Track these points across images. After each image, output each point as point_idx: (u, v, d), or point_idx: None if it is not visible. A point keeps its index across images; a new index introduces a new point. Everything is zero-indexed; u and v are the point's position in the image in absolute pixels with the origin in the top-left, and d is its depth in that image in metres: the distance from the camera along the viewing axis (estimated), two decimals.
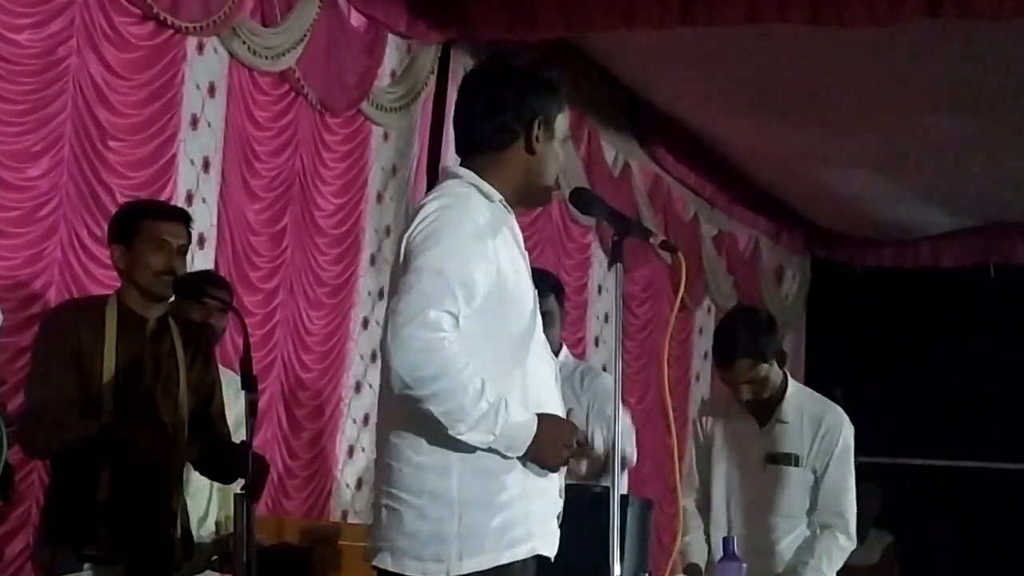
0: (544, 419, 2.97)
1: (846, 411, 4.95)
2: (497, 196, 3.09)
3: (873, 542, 9.97)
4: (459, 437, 2.93)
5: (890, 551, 10.05)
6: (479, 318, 2.97)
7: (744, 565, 4.37)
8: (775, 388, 4.79)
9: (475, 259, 2.96)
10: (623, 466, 4.66)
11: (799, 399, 4.85)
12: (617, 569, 3.00)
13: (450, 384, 2.88)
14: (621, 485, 3.12)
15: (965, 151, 9.24)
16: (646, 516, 4.73)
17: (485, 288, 2.97)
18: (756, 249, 11.28)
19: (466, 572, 2.96)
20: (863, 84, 8.22)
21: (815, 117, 8.88)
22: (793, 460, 4.79)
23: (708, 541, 4.85)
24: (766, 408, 4.82)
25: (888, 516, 10.15)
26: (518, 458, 2.97)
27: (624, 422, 4.70)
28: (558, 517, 3.13)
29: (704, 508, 4.88)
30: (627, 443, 4.80)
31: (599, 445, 4.60)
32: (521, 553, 2.99)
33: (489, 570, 2.97)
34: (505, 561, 2.98)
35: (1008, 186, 9.98)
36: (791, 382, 4.88)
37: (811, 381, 11.53)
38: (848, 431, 4.85)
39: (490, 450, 2.95)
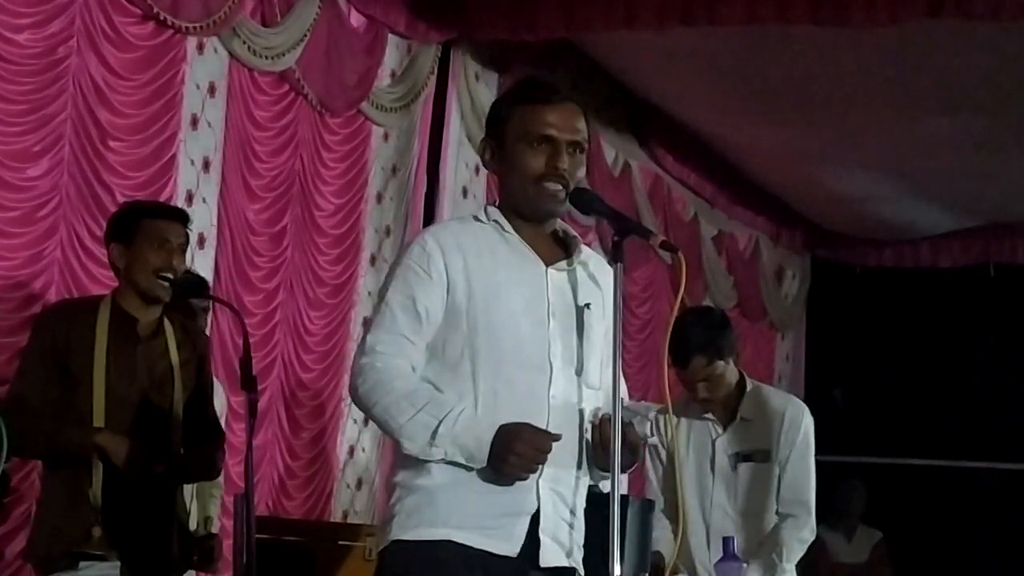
0: (502, 429, 3.01)
1: (846, 411, 4.96)
2: (492, 216, 3.21)
3: (862, 539, 9.97)
4: (410, 453, 3.04)
5: (880, 548, 10.04)
6: (443, 334, 3.11)
7: (744, 565, 4.36)
8: (731, 386, 4.80)
9: (415, 283, 3.12)
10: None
11: (758, 395, 4.85)
12: (617, 569, 2.99)
13: (381, 401, 3.04)
14: (621, 485, 3.09)
15: (965, 151, 9.24)
16: (646, 516, 4.71)
17: (436, 306, 3.11)
18: (756, 249, 11.28)
19: (380, 548, 3.11)
20: (863, 84, 8.22)
21: (815, 117, 8.88)
22: (762, 456, 4.79)
23: (678, 539, 4.79)
24: (728, 408, 4.82)
25: (887, 516, 10.16)
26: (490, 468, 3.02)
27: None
28: (568, 519, 3.13)
29: (673, 514, 4.83)
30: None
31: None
32: (428, 535, 3.03)
33: (391, 544, 3.06)
34: (406, 537, 3.05)
35: (1008, 186, 9.99)
36: (748, 379, 4.88)
37: (811, 381, 11.73)
38: (809, 422, 4.84)
39: (453, 463, 3.02)
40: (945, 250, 11.62)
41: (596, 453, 3.14)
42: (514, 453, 2.97)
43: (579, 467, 3.16)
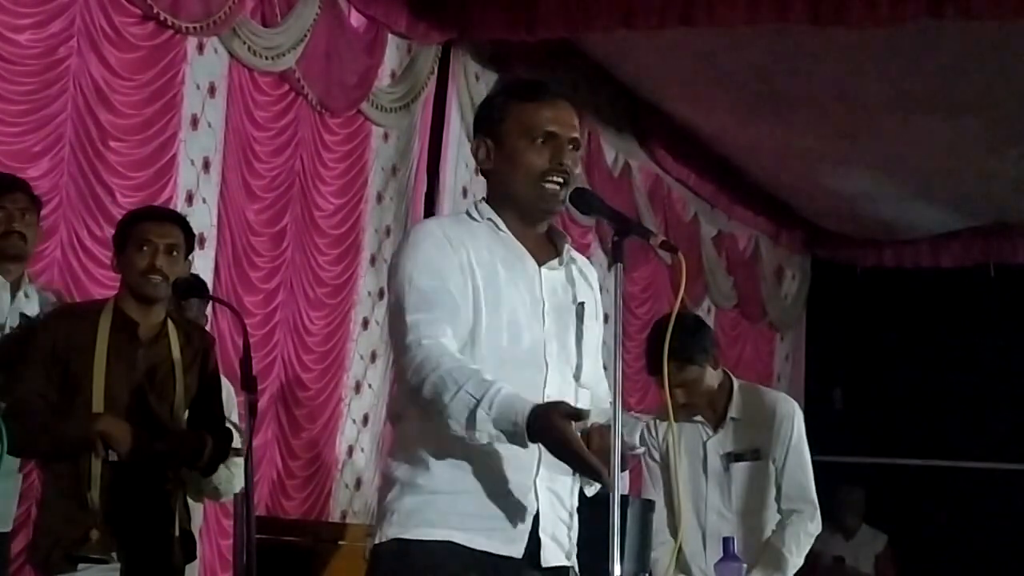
0: (537, 413, 2.90)
1: (846, 411, 4.98)
2: (486, 215, 3.19)
3: (867, 541, 9.96)
4: (457, 434, 2.94)
5: (886, 551, 10.04)
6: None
7: (744, 565, 4.36)
8: (713, 389, 4.79)
9: (441, 265, 3.07)
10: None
11: (746, 395, 4.86)
12: (617, 569, 2.99)
13: (428, 378, 2.96)
14: (622, 485, 3.09)
15: (965, 151, 9.24)
16: (646, 516, 4.72)
17: (463, 280, 3.07)
18: (756, 249, 11.28)
19: (378, 543, 3.10)
20: (863, 84, 8.23)
21: (815, 117, 8.88)
22: (754, 455, 4.80)
23: (677, 541, 4.80)
24: (716, 409, 4.83)
25: (886, 516, 10.15)
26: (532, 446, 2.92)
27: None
28: (565, 519, 3.13)
29: (672, 521, 4.83)
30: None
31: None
32: (429, 535, 3.02)
33: (390, 541, 3.06)
34: (407, 536, 3.03)
35: (1008, 186, 9.99)
36: (735, 380, 4.88)
37: (811, 381, 11.73)
38: (799, 417, 4.87)
39: (508, 438, 2.92)
40: (945, 250, 11.62)
41: None
42: (564, 415, 2.90)
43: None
